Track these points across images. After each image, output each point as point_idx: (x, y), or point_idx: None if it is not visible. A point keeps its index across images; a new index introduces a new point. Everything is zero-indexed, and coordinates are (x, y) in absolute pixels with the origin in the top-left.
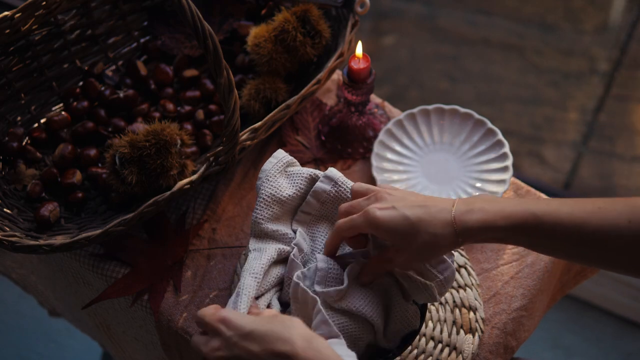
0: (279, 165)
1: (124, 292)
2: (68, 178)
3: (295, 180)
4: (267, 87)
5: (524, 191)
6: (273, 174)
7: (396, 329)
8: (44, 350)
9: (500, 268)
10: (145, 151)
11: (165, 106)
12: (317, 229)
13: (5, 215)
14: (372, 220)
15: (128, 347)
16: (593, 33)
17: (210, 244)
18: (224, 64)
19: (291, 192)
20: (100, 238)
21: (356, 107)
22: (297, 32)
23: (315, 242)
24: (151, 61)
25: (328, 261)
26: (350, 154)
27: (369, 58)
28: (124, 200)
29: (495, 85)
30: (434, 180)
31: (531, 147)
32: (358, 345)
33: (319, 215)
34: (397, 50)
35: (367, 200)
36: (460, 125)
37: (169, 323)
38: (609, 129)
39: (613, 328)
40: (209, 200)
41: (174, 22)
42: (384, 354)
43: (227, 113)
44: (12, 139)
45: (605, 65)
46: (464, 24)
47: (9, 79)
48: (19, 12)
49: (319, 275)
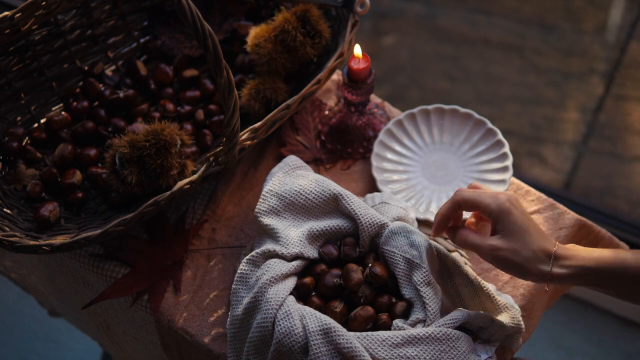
0: (286, 169)
1: (123, 292)
2: (68, 178)
3: (298, 178)
4: (267, 87)
5: (523, 191)
6: (276, 173)
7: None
8: (44, 350)
9: None
10: (145, 151)
11: (165, 106)
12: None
13: (5, 215)
14: (502, 204)
15: (128, 347)
16: (593, 33)
17: (210, 244)
18: (224, 64)
19: (292, 186)
20: (100, 238)
21: (356, 107)
22: (297, 32)
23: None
24: (151, 61)
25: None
26: (350, 154)
27: (369, 58)
28: (124, 200)
29: (495, 85)
30: (434, 180)
31: (531, 147)
32: None
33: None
34: (397, 50)
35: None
36: (460, 125)
37: (169, 323)
38: (609, 129)
39: (614, 328)
40: (209, 200)
41: (174, 22)
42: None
43: (227, 113)
44: (12, 139)
45: (605, 65)
46: (464, 24)
47: (9, 79)
48: (19, 12)
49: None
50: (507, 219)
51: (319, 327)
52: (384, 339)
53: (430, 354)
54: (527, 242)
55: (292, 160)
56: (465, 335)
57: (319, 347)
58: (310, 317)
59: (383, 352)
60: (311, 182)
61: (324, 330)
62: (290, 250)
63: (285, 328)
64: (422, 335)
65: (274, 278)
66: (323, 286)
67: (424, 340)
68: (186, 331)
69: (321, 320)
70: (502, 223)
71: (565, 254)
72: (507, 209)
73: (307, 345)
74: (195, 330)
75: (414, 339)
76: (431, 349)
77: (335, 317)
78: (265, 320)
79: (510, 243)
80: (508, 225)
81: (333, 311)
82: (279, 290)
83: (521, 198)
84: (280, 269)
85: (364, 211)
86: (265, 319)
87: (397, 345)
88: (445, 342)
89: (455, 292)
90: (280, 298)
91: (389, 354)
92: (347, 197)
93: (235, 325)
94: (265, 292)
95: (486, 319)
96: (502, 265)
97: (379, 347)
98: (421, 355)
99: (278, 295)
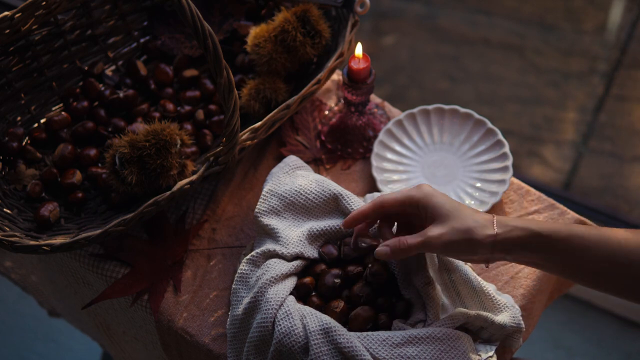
0: (286, 169)
1: (123, 292)
2: (68, 178)
3: (298, 178)
4: (267, 87)
5: (523, 191)
6: (276, 174)
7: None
8: (44, 350)
9: (499, 268)
10: (145, 151)
11: (165, 106)
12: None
13: (5, 215)
14: (425, 190)
15: (128, 347)
16: (593, 33)
17: (210, 244)
18: (224, 64)
19: (292, 186)
20: (100, 238)
21: (356, 107)
22: (297, 32)
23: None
24: (151, 61)
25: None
26: (350, 154)
27: (369, 58)
28: (124, 200)
29: (495, 85)
30: (434, 180)
31: (531, 147)
32: None
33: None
34: (397, 50)
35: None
36: (460, 125)
37: (169, 323)
38: (609, 129)
39: (614, 328)
40: (209, 200)
41: (174, 22)
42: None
43: (227, 113)
44: (12, 139)
45: (605, 65)
46: (464, 24)
47: (9, 79)
48: (19, 12)
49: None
50: (436, 201)
51: (320, 327)
52: (384, 338)
53: (430, 353)
54: (464, 215)
55: (292, 160)
56: (465, 335)
57: (319, 346)
58: (310, 316)
59: (383, 351)
60: (311, 182)
61: (324, 330)
62: (290, 250)
63: (286, 328)
64: (423, 335)
65: (274, 278)
66: (323, 286)
67: (425, 340)
68: (186, 331)
69: (321, 320)
70: (433, 208)
71: (506, 219)
72: (431, 193)
73: (308, 345)
74: (195, 330)
75: (415, 339)
76: (431, 349)
77: (335, 317)
78: (266, 320)
79: (450, 223)
80: (439, 207)
81: (333, 311)
82: (279, 290)
83: (521, 198)
84: (280, 269)
85: None
86: (266, 319)
87: (397, 344)
88: (445, 342)
89: (455, 292)
90: (280, 298)
91: (389, 353)
92: (347, 197)
93: (235, 325)
94: (265, 292)
95: (486, 318)
96: (454, 249)
97: (380, 347)
98: (421, 355)
99: (278, 295)
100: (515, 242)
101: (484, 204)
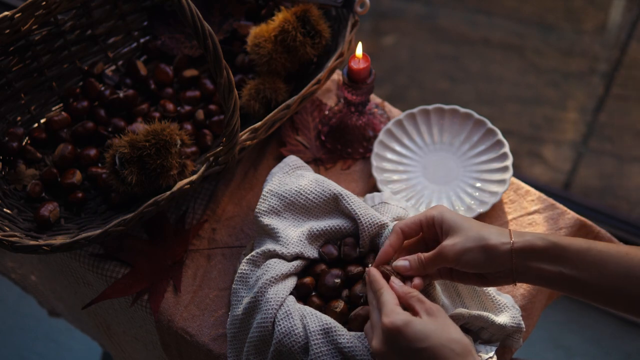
0: (286, 169)
1: (123, 292)
2: (68, 178)
3: (298, 178)
4: (267, 87)
5: (523, 191)
6: (276, 174)
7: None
8: (44, 350)
9: None
10: (145, 151)
11: (165, 106)
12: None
13: (5, 215)
14: (440, 208)
15: (128, 347)
16: (593, 33)
17: (210, 244)
18: (224, 64)
19: (292, 186)
20: (100, 238)
21: (356, 107)
22: (297, 32)
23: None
24: (151, 61)
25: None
26: (350, 154)
27: (368, 58)
28: (124, 200)
29: (495, 85)
30: (434, 180)
31: (531, 147)
32: None
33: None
34: (397, 50)
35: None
36: (460, 125)
37: (169, 323)
38: (609, 129)
39: (613, 328)
40: (209, 200)
41: (174, 22)
42: None
43: (227, 113)
44: (12, 139)
45: (605, 65)
46: (464, 24)
47: (9, 79)
48: (19, 12)
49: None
50: (450, 216)
51: (320, 327)
52: None
53: None
54: (479, 226)
55: (292, 160)
56: (465, 335)
57: (319, 346)
58: (310, 317)
59: None
60: (311, 182)
61: (324, 330)
62: (291, 250)
63: (286, 328)
64: None
65: (274, 278)
66: (323, 286)
67: None
68: (186, 331)
69: (321, 320)
70: (448, 222)
71: (522, 231)
72: (446, 210)
73: (308, 345)
74: (195, 330)
75: None
76: None
77: (335, 317)
78: (266, 320)
79: (464, 232)
80: (455, 222)
81: (333, 311)
82: (279, 290)
83: (521, 198)
84: (280, 269)
85: (364, 211)
86: (266, 319)
87: None
88: None
89: (455, 292)
90: (280, 298)
91: None
92: (347, 197)
93: (235, 325)
94: (266, 292)
95: (486, 319)
96: (470, 260)
97: None
98: None
99: (278, 295)
100: (533, 250)
101: (484, 204)
